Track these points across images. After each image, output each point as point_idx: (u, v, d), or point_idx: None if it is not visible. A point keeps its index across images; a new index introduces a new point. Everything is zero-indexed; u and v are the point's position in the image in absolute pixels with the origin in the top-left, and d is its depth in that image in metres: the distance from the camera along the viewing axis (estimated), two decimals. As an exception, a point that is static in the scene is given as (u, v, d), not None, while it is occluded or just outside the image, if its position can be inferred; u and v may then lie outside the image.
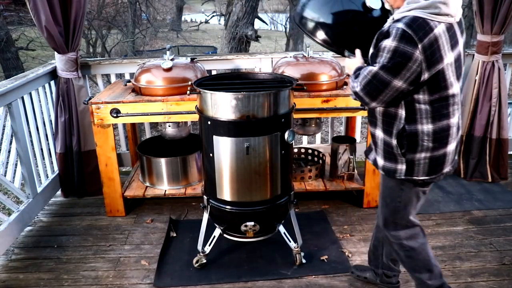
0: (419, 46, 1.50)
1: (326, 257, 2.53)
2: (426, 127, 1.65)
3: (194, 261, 2.47)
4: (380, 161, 1.82)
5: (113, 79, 3.59)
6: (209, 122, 2.16)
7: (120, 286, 2.35)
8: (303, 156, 3.51)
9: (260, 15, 8.85)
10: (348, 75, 1.83)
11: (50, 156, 3.37)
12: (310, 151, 3.49)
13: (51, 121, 3.32)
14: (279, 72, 2.86)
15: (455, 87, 1.63)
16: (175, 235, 2.82)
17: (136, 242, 2.76)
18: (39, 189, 3.06)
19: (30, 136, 3.02)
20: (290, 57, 2.99)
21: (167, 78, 2.81)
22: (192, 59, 3.02)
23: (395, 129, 1.70)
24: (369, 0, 1.86)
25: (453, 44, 1.59)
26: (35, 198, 2.98)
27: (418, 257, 1.92)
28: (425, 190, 1.84)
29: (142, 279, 2.40)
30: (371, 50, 1.68)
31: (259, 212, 2.27)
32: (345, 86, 2.95)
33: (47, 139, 3.32)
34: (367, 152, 1.96)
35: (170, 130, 3.05)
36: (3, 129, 2.75)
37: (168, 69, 2.82)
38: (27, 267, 2.53)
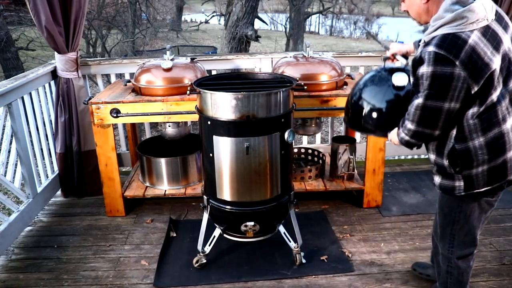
0: (457, 63, 1.43)
1: (326, 257, 2.53)
2: (478, 141, 1.56)
3: (194, 261, 2.47)
4: (437, 179, 1.74)
5: (113, 79, 3.59)
6: (209, 122, 2.16)
7: (120, 286, 2.35)
8: (303, 156, 3.51)
9: (260, 15, 8.85)
10: (349, 75, 1.80)
11: (50, 156, 3.37)
12: (310, 151, 3.49)
13: (51, 121, 3.32)
14: (279, 72, 2.86)
15: (499, 91, 1.53)
16: (175, 235, 2.82)
17: (136, 242, 2.76)
18: (39, 189, 3.06)
19: (30, 136, 3.02)
20: (290, 57, 2.99)
21: (167, 78, 2.81)
22: (192, 59, 3.02)
23: (446, 149, 1.63)
24: (395, 79, 1.84)
25: (496, 45, 1.49)
26: (35, 198, 2.98)
27: (458, 278, 1.88)
28: (489, 200, 1.73)
29: (142, 279, 2.40)
30: (411, 79, 1.65)
31: (259, 212, 2.27)
32: (345, 86, 2.95)
33: (47, 139, 3.32)
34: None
35: (170, 130, 3.05)
36: (3, 129, 2.75)
37: (168, 69, 2.82)
38: (27, 267, 2.53)
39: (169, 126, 3.03)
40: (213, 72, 3.55)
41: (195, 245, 2.50)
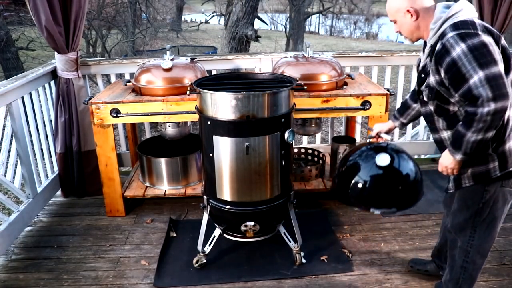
0: (479, 31, 1.53)
1: (326, 257, 2.53)
2: (509, 112, 1.62)
3: (194, 261, 2.47)
4: (469, 170, 1.74)
5: (113, 79, 3.59)
6: (209, 122, 2.16)
7: (120, 286, 2.35)
8: (303, 156, 3.51)
9: (260, 15, 8.86)
10: (349, 75, 1.83)
11: (50, 156, 3.37)
12: (310, 151, 3.49)
13: (51, 121, 3.32)
14: (279, 72, 2.86)
15: None
16: (175, 235, 2.82)
17: (136, 242, 2.76)
18: (39, 189, 3.06)
19: (30, 136, 3.02)
20: (290, 57, 2.99)
21: (167, 78, 2.81)
22: (192, 59, 3.02)
23: None
24: (379, 159, 2.02)
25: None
26: (35, 198, 2.98)
27: (471, 273, 1.90)
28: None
29: (142, 279, 2.40)
30: (432, 78, 1.67)
31: (259, 212, 2.27)
32: (345, 86, 2.95)
33: (47, 139, 3.32)
34: (447, 184, 1.88)
35: (170, 130, 3.05)
36: (3, 129, 2.75)
37: (168, 69, 2.82)
38: (27, 267, 2.53)
39: (169, 126, 3.03)
40: (213, 72, 3.55)
41: (195, 245, 2.50)
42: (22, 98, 2.92)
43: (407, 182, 2.14)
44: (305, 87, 2.48)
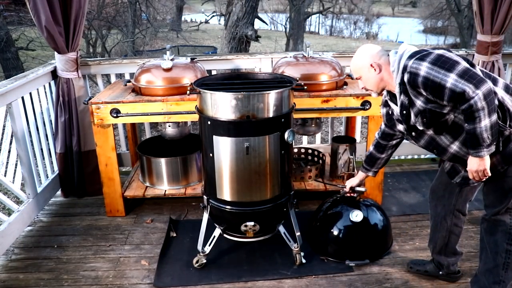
0: (430, 50, 1.72)
1: (326, 257, 2.53)
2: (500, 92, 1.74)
3: (194, 261, 2.47)
4: (497, 157, 1.77)
5: (113, 79, 3.59)
6: (209, 122, 2.16)
7: (120, 286, 2.35)
8: (303, 156, 3.51)
9: (260, 15, 8.85)
10: (349, 75, 1.89)
11: (50, 156, 3.37)
12: (310, 151, 3.49)
13: (51, 121, 3.32)
14: (279, 72, 2.86)
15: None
16: (175, 235, 2.82)
17: (136, 242, 2.76)
18: (39, 189, 3.07)
19: (30, 136, 3.02)
20: (290, 57, 2.99)
21: (167, 78, 2.81)
22: (192, 59, 3.02)
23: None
24: (352, 215, 2.43)
25: None
26: (35, 198, 2.98)
27: None
28: None
29: (142, 279, 2.40)
30: (418, 102, 1.76)
31: (259, 212, 2.27)
32: (345, 86, 2.95)
33: (47, 139, 3.32)
34: (468, 178, 1.88)
35: (170, 130, 3.05)
36: (3, 129, 2.75)
37: (168, 69, 2.82)
38: (27, 267, 2.53)
39: (169, 126, 3.03)
40: (213, 72, 3.55)
41: (195, 245, 2.50)
42: (22, 98, 2.92)
43: (377, 232, 2.52)
44: (305, 87, 2.48)
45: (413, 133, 1.91)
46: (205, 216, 2.43)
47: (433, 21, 22.35)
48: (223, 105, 2.09)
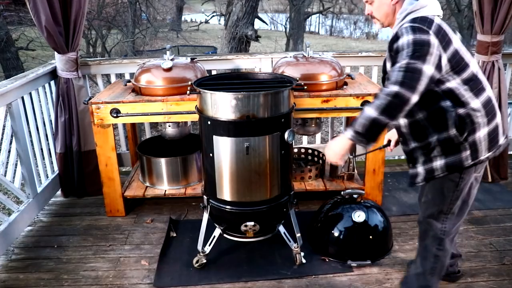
0: (431, 32, 1.61)
1: (326, 257, 2.53)
2: (474, 103, 1.69)
3: (194, 261, 2.47)
4: (440, 162, 1.77)
5: (113, 79, 3.59)
6: (209, 122, 2.16)
7: (120, 286, 2.35)
8: (303, 156, 3.51)
9: (260, 15, 8.85)
10: (349, 75, 1.87)
11: (50, 156, 3.37)
12: (310, 151, 3.49)
13: (51, 121, 3.32)
14: (279, 72, 2.85)
15: (472, 66, 1.71)
16: (175, 235, 2.82)
17: (136, 242, 2.76)
18: (39, 189, 3.06)
19: (30, 136, 3.02)
20: (290, 57, 2.99)
21: (167, 78, 2.81)
22: (192, 59, 3.02)
23: (450, 120, 1.69)
24: (355, 216, 2.43)
25: (451, 32, 1.70)
26: (35, 198, 2.98)
27: (443, 260, 1.94)
28: (477, 176, 1.85)
29: (142, 279, 2.40)
30: (388, 65, 1.75)
31: (259, 212, 2.27)
32: (345, 86, 2.95)
33: (47, 139, 3.32)
34: (414, 177, 1.88)
35: (170, 130, 3.05)
36: (3, 129, 2.75)
37: (168, 69, 2.82)
38: (27, 267, 2.53)
39: (169, 126, 3.03)
40: (213, 72, 3.55)
41: (195, 245, 2.50)
42: (22, 98, 2.92)
43: (378, 233, 2.51)
44: (305, 87, 2.48)
45: (385, 83, 1.89)
46: (205, 216, 2.43)
47: (433, 21, 22.33)
48: (223, 105, 2.09)
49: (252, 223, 2.27)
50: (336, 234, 2.48)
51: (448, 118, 1.70)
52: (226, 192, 2.26)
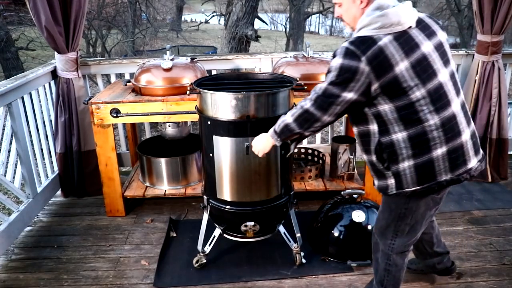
0: (363, 58, 1.53)
1: (326, 257, 2.53)
2: (401, 135, 1.62)
3: (194, 261, 2.47)
4: (375, 181, 1.80)
5: (113, 79, 3.59)
6: (209, 122, 2.16)
7: (120, 286, 2.35)
8: (303, 156, 3.51)
9: (260, 15, 8.85)
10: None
11: (50, 156, 3.37)
12: (310, 151, 3.49)
13: (51, 121, 3.32)
14: (279, 72, 2.85)
15: (418, 91, 1.57)
16: (175, 235, 2.82)
17: (136, 242, 2.76)
18: (39, 189, 3.06)
19: (30, 136, 3.02)
20: (290, 57, 2.99)
21: (167, 78, 2.81)
22: (192, 59, 3.02)
23: (372, 145, 1.69)
24: (354, 216, 2.44)
25: (409, 49, 1.56)
26: (35, 198, 2.98)
27: (395, 275, 1.91)
28: (435, 197, 1.75)
29: (142, 279, 2.40)
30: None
31: (259, 212, 2.27)
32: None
33: (47, 139, 3.32)
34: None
35: (170, 130, 3.05)
36: (3, 129, 2.75)
37: (168, 69, 2.82)
38: (27, 267, 2.53)
39: (169, 126, 3.03)
40: (213, 72, 3.55)
41: (195, 245, 2.50)
42: (22, 98, 2.92)
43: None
44: (305, 87, 2.48)
45: None
46: (205, 216, 2.43)
47: (433, 21, 22.32)
48: (223, 105, 2.09)
49: (252, 223, 2.27)
50: (336, 234, 2.48)
51: (371, 143, 1.69)
52: (226, 192, 2.26)
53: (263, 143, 1.92)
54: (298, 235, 2.45)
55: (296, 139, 1.89)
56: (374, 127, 1.66)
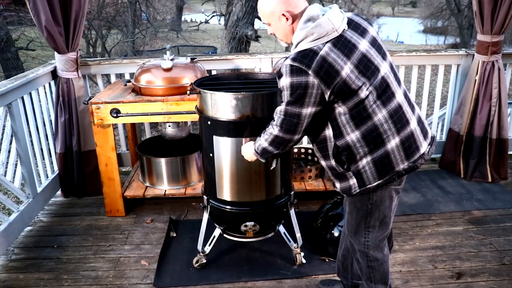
0: (310, 72, 1.55)
1: (326, 257, 2.53)
2: (354, 135, 1.65)
3: (194, 261, 2.47)
4: (337, 184, 1.81)
5: (113, 79, 3.59)
6: (209, 122, 2.16)
7: (120, 286, 2.35)
8: (303, 156, 3.51)
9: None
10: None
11: (50, 156, 3.37)
12: (310, 151, 3.49)
13: (51, 121, 3.32)
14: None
15: (365, 88, 1.60)
16: (175, 235, 2.82)
17: (136, 242, 2.76)
18: (39, 189, 3.06)
19: (30, 136, 3.02)
20: (290, 57, 2.98)
21: (167, 78, 2.81)
22: (192, 59, 3.02)
23: (330, 150, 1.71)
24: None
25: (349, 51, 1.59)
26: (35, 198, 2.98)
27: (379, 269, 1.91)
28: (397, 188, 1.79)
29: (142, 279, 2.40)
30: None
31: (259, 212, 2.27)
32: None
33: (47, 139, 3.32)
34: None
35: (170, 130, 3.05)
36: (3, 129, 2.75)
37: (168, 69, 2.82)
38: (27, 267, 2.53)
39: (169, 126, 3.03)
40: (213, 72, 3.55)
41: (195, 245, 2.50)
42: (22, 98, 2.92)
43: None
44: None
45: None
46: (205, 216, 2.43)
47: (433, 21, 22.35)
48: (223, 105, 2.09)
49: (252, 223, 2.27)
50: (336, 234, 2.47)
51: (328, 149, 1.71)
52: (226, 192, 2.26)
53: (249, 155, 1.95)
54: (298, 235, 2.45)
55: (278, 155, 1.93)
56: (329, 132, 1.69)
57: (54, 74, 3.25)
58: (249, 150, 1.94)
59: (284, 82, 1.60)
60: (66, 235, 2.86)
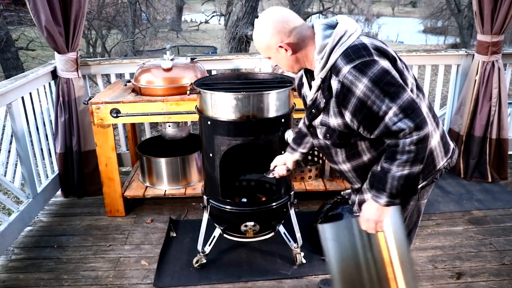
0: (374, 56, 1.36)
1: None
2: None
3: (194, 261, 2.47)
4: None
5: (113, 79, 3.59)
6: (209, 122, 2.16)
7: (120, 286, 2.35)
8: (303, 156, 3.50)
9: (260, 15, 8.84)
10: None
11: (50, 156, 3.37)
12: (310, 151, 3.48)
13: (51, 121, 3.32)
14: (279, 72, 2.85)
15: (409, 76, 1.48)
16: (175, 235, 2.82)
17: (136, 242, 2.76)
18: (39, 189, 3.06)
19: (30, 136, 3.02)
20: (290, 57, 2.99)
21: (167, 78, 2.81)
22: (192, 59, 3.02)
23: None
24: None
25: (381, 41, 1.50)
26: (35, 198, 2.98)
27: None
28: (425, 202, 1.76)
29: (142, 279, 2.40)
30: (335, 124, 1.47)
31: (259, 212, 2.27)
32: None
33: (47, 139, 3.32)
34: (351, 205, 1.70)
35: (170, 130, 3.05)
36: (3, 129, 2.75)
37: (168, 69, 2.82)
38: (27, 267, 2.53)
39: (169, 126, 3.03)
40: (213, 72, 3.55)
41: (195, 245, 2.50)
42: (22, 98, 2.92)
43: None
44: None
45: (310, 129, 1.65)
46: (205, 216, 2.43)
47: (433, 21, 22.34)
48: (223, 105, 2.09)
49: (252, 223, 2.27)
50: None
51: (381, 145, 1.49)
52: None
53: (379, 211, 1.45)
54: (298, 235, 2.45)
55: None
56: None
57: (54, 74, 3.25)
58: (372, 208, 1.45)
59: (363, 86, 1.33)
60: (66, 235, 2.85)
